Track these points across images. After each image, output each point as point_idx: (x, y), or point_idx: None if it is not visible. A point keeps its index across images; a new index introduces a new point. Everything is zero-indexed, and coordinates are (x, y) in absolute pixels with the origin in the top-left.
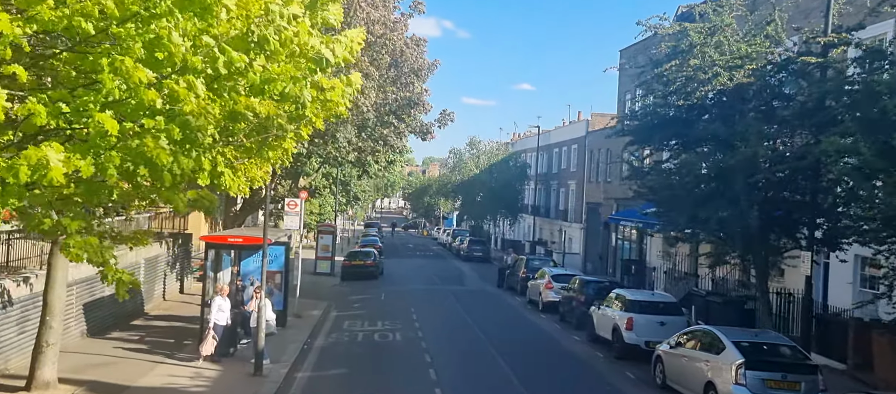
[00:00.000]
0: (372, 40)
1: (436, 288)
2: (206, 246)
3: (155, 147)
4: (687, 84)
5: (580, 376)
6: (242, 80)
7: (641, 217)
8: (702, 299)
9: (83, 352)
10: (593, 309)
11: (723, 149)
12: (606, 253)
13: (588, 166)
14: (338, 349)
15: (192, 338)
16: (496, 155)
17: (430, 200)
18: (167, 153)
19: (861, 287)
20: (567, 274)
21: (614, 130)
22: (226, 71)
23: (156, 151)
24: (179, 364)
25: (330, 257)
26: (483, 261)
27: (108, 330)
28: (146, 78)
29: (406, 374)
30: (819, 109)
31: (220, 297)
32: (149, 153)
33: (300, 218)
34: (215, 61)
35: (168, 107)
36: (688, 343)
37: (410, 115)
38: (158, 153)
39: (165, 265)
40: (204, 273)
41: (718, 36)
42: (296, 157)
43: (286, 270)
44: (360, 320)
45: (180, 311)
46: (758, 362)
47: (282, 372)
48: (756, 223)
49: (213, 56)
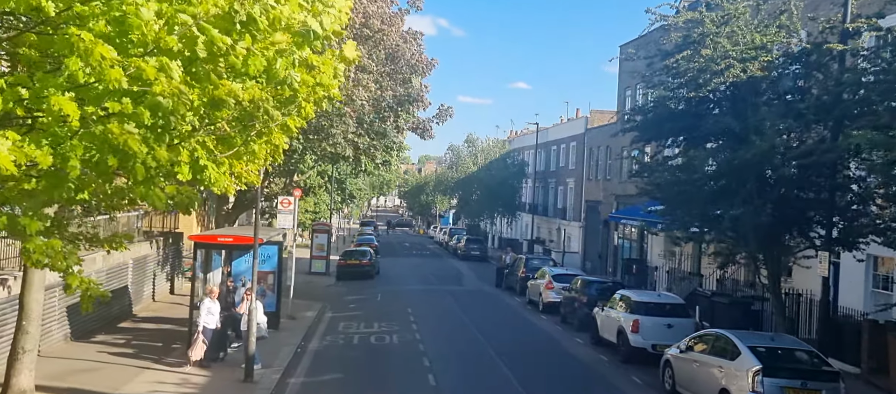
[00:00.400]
0: (368, 34)
1: (433, 288)
2: (195, 246)
3: (121, 133)
4: (698, 76)
5: (585, 381)
6: (224, 62)
7: (644, 215)
8: (707, 300)
9: (65, 357)
10: (597, 310)
11: (735, 144)
12: (606, 252)
13: (587, 164)
14: (333, 353)
15: (181, 341)
16: (494, 152)
17: (426, 197)
18: (137, 139)
19: (873, 288)
20: (568, 274)
21: (619, 125)
22: (206, 53)
23: (123, 136)
24: (166, 370)
25: (325, 257)
26: (480, 260)
27: (93, 333)
28: (109, 55)
29: (404, 379)
30: (837, 103)
31: (209, 299)
32: (115, 140)
33: (294, 216)
34: (194, 43)
35: (136, 88)
36: (699, 347)
37: (408, 110)
38: (126, 139)
39: (155, 265)
40: (193, 274)
41: (732, 25)
42: (289, 154)
43: (279, 271)
44: (356, 321)
45: (170, 313)
46: (776, 369)
47: (274, 378)
48: (770, 222)
49: (191, 36)
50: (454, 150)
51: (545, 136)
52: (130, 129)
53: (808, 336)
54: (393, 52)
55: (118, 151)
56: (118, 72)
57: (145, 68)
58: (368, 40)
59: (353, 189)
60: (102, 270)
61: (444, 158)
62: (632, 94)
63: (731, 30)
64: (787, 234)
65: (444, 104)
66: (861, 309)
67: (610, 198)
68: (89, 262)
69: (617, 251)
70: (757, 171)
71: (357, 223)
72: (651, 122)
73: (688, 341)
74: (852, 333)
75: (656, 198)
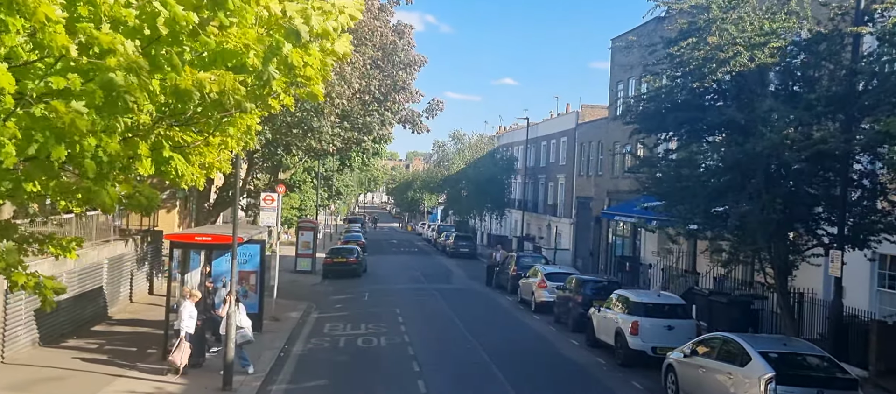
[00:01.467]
0: (354, 27)
1: (422, 287)
2: (172, 245)
3: (67, 112)
4: (704, 64)
5: (583, 387)
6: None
7: (640, 212)
8: (704, 299)
9: (33, 364)
10: (593, 311)
11: (741, 137)
12: (598, 249)
13: (578, 159)
14: (318, 356)
15: (158, 345)
16: (481, 148)
17: (414, 194)
18: (86, 121)
19: (879, 287)
20: (562, 272)
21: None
22: (168, 30)
23: (69, 116)
24: (141, 377)
25: (311, 255)
26: (470, 257)
27: (64, 338)
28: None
29: (393, 385)
30: (850, 93)
31: (188, 302)
32: (58, 122)
33: (277, 213)
34: (154, 18)
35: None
36: (705, 352)
37: (396, 101)
38: (73, 119)
39: (132, 265)
40: (169, 276)
41: (739, 11)
42: (273, 149)
43: (262, 270)
44: (343, 322)
45: (147, 314)
46: (789, 376)
47: (254, 386)
48: (779, 219)
49: (151, 11)
50: (439, 146)
51: (535, 131)
52: (78, 108)
53: (813, 337)
54: (383, 47)
55: (60, 136)
56: (64, 38)
57: (98, 36)
58: (355, 33)
59: (339, 185)
60: (74, 270)
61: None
62: (624, 88)
63: (739, 15)
64: (795, 231)
65: (434, 98)
66: (867, 309)
67: (602, 194)
68: (59, 262)
69: (609, 249)
70: (765, 164)
71: (344, 220)
72: (652, 113)
73: (692, 344)
74: (858, 334)
75: (655, 193)
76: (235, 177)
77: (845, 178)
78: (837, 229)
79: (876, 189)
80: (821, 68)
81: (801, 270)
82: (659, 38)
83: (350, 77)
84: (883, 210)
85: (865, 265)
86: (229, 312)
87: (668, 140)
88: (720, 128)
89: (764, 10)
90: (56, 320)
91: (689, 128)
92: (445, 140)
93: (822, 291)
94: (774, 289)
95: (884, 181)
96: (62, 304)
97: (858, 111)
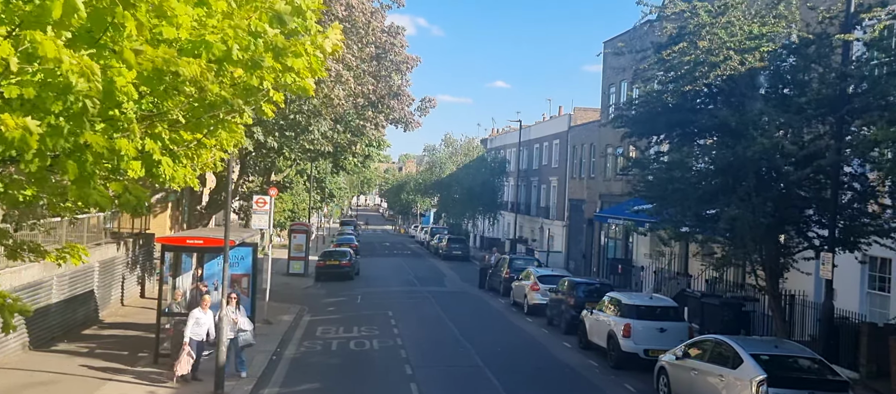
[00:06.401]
0: (349, 27)
1: (415, 290)
2: (163, 249)
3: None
4: (694, 69)
5: (576, 389)
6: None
7: (631, 214)
8: (696, 301)
9: (22, 368)
10: (585, 313)
11: (731, 140)
12: (590, 252)
13: (570, 162)
14: (310, 360)
15: (149, 349)
16: (472, 152)
17: (406, 196)
18: (35, 137)
19: (869, 289)
20: (554, 275)
21: (604, 119)
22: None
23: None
24: (132, 382)
25: (303, 257)
26: (463, 260)
27: (54, 341)
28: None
29: (385, 389)
30: (840, 97)
31: (198, 310)
32: (9, 135)
33: (270, 216)
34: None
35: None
36: (697, 354)
37: (390, 106)
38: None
39: (124, 268)
40: (161, 279)
41: (729, 15)
42: (265, 152)
43: (254, 273)
44: (335, 325)
45: (139, 318)
46: (781, 378)
47: (246, 389)
48: (769, 222)
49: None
50: (430, 149)
51: (527, 134)
52: (29, 124)
53: (803, 339)
54: (376, 46)
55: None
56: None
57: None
58: (349, 34)
59: (332, 188)
60: (65, 274)
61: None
62: (617, 91)
63: (728, 20)
64: (785, 233)
65: (426, 97)
66: (857, 311)
67: (594, 197)
68: (49, 266)
69: (602, 251)
70: (756, 168)
71: (338, 223)
72: (644, 116)
73: (684, 347)
74: (849, 335)
75: (646, 196)
76: (227, 180)
77: (836, 181)
78: (828, 232)
79: (866, 192)
80: (810, 71)
81: (792, 272)
82: (650, 43)
83: (346, 78)
84: (873, 213)
85: (856, 268)
86: (221, 314)
87: (659, 143)
88: (711, 131)
89: (753, 14)
90: (46, 323)
91: (680, 131)
92: (436, 144)
93: (813, 294)
94: (766, 291)
95: (874, 184)
96: (53, 307)
97: (848, 114)
